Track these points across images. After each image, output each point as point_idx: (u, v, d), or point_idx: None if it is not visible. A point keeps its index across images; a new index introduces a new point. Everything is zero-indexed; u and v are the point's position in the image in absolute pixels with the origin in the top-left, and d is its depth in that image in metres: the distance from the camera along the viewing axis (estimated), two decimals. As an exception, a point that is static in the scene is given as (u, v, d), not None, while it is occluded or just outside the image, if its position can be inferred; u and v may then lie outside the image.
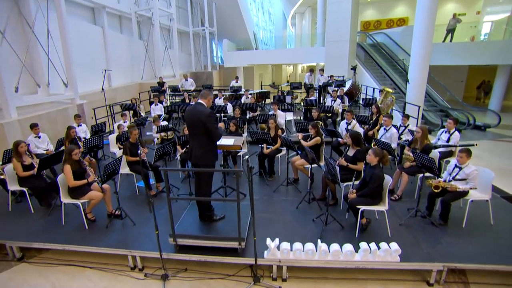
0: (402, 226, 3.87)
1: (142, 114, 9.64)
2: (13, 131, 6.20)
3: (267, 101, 11.82)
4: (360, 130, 6.13)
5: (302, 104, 10.46)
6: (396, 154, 5.64)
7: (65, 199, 4.02)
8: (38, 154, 5.59)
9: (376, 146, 4.99)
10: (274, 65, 29.39)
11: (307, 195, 4.57)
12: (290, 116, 8.58)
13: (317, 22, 20.34)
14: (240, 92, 10.84)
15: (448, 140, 5.05)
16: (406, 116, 6.08)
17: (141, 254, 3.58)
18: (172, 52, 16.34)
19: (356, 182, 4.22)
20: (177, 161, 5.68)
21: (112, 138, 6.26)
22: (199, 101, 3.49)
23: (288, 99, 9.41)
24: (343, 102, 8.72)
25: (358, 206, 3.55)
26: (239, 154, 5.82)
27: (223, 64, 20.58)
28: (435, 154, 4.55)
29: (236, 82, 12.00)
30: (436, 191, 3.77)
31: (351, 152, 4.32)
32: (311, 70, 11.69)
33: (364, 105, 8.82)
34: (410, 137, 5.81)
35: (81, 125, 6.73)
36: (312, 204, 4.52)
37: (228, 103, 9.01)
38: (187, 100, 9.93)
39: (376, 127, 6.06)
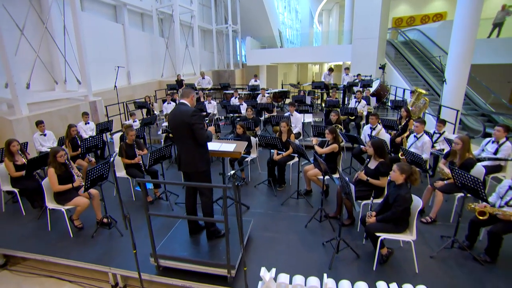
0: (434, 260, 3.12)
1: (155, 112, 9.43)
2: (22, 127, 6.11)
3: (287, 101, 11.19)
4: (386, 136, 5.35)
5: (323, 105, 9.70)
6: (428, 166, 4.82)
7: (50, 204, 3.71)
8: (43, 152, 5.43)
9: (403, 157, 4.23)
10: (300, 64, 28.57)
11: (318, 211, 3.93)
12: (309, 118, 7.91)
13: (344, 19, 19.29)
14: (258, 91, 10.29)
15: (496, 152, 4.17)
16: (441, 122, 5.20)
17: (122, 272, 3.17)
18: (193, 50, 16.16)
19: (377, 200, 3.53)
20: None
21: (116, 137, 5.98)
22: (181, 100, 3.02)
23: (308, 99, 8.71)
24: (368, 104, 7.89)
25: (378, 234, 2.87)
26: (246, 159, 5.28)
27: (246, 63, 20.21)
28: (479, 169, 3.70)
29: (255, 80, 11.47)
30: (481, 218, 2.99)
31: (372, 164, 3.62)
32: (330, 69, 10.85)
33: (392, 108, 7.92)
34: (445, 147, 4.95)
35: (88, 123, 6.55)
36: (324, 222, 3.88)
37: (244, 103, 8.52)
38: (202, 99, 9.56)
39: (405, 134, 5.25)
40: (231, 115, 8.26)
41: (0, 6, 6.34)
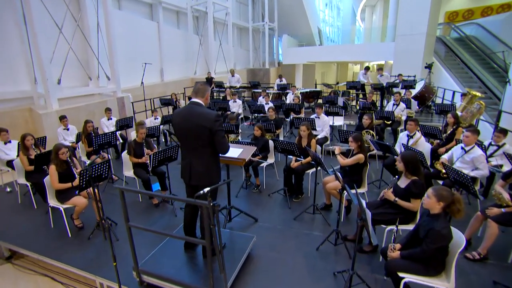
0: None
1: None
2: (51, 121, 6.33)
3: (319, 101, 10.51)
4: (426, 146, 4.53)
5: (357, 107, 8.86)
6: (479, 185, 3.94)
7: (51, 201, 3.64)
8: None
9: (445, 176, 3.47)
10: (339, 63, 27.21)
11: (333, 233, 3.35)
12: (340, 121, 7.22)
13: (388, 15, 17.82)
14: (288, 91, 9.76)
15: None
16: (501, 131, 4.25)
17: (108, 283, 2.93)
18: (227, 47, 16.03)
19: (406, 227, 2.87)
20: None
21: (133, 134, 5.91)
22: (194, 99, 2.58)
23: (340, 100, 7.97)
24: (408, 107, 6.95)
25: (401, 274, 2.26)
26: (262, 165, 4.83)
27: (282, 61, 19.71)
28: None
29: (280, 80, 10.95)
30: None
31: (403, 182, 2.96)
32: (367, 68, 9.87)
33: (437, 113, 6.88)
34: (505, 163, 4.02)
35: (111, 119, 6.60)
36: (340, 246, 3.29)
37: (270, 102, 8.07)
38: (228, 98, 9.29)
39: (451, 144, 4.40)
40: (256, 115, 7.86)
41: (40, 4, 6.65)
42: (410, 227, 2.81)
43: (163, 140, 7.46)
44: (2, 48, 6.36)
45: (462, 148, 3.83)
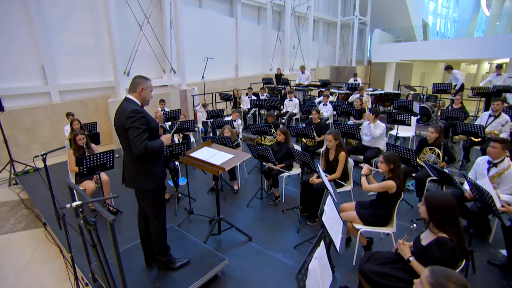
0: None
1: (242, 105, 9.30)
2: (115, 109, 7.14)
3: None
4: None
5: (438, 116, 6.94)
6: None
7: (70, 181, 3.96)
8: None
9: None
10: (449, 62, 22.57)
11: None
12: (408, 131, 5.80)
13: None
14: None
15: None
16: None
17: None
18: (307, 43, 15.24)
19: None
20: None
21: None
22: (127, 95, 2.33)
23: (417, 106, 6.37)
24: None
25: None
26: (282, 174, 4.19)
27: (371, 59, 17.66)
28: None
29: (355, 80, 9.58)
30: None
31: (427, 237, 1.95)
32: (498, 66, 7.36)
33: None
34: None
35: (164, 110, 6.98)
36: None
37: (328, 104, 7.14)
38: (289, 96, 8.71)
39: None
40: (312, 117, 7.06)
41: (124, 4, 7.55)
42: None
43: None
44: (96, 42, 7.47)
45: None
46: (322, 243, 1.66)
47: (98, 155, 3.43)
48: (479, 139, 4.65)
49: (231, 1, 12.26)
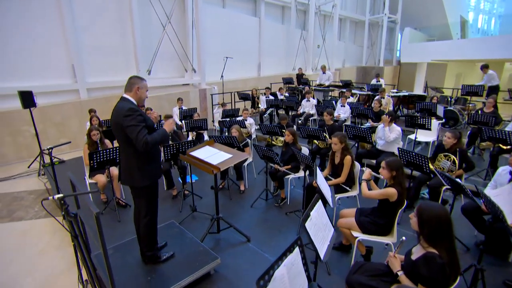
0: None
1: (260, 105, 9.31)
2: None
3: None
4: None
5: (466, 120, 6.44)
6: None
7: (86, 174, 4.21)
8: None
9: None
10: (490, 62, 20.91)
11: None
12: (429, 136, 5.48)
13: None
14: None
15: None
16: None
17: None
18: (331, 42, 14.89)
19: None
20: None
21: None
22: (123, 95, 2.41)
23: (441, 109, 5.98)
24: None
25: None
26: (287, 177, 4.13)
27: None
28: None
29: (377, 81, 9.19)
30: None
31: (417, 251, 1.83)
32: None
33: None
34: None
35: (182, 108, 7.17)
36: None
37: (346, 105, 6.93)
38: (306, 96, 8.58)
39: None
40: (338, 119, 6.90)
41: (148, 4, 7.86)
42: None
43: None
44: (121, 42, 7.82)
45: None
46: (296, 250, 1.62)
47: (108, 150, 3.61)
48: (509, 147, 4.28)
49: (254, 0, 12.29)
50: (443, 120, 6.16)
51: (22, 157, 6.38)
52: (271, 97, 8.22)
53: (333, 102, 7.67)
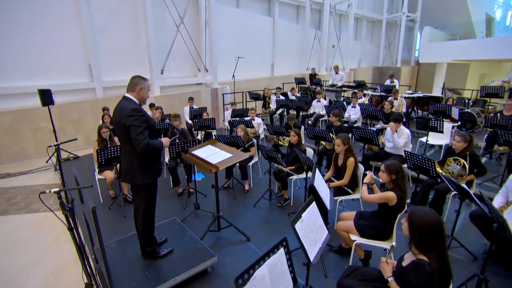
0: None
1: (271, 105, 9.30)
2: (145, 106, 7.63)
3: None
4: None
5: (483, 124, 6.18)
6: None
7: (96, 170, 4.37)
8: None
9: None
10: (517, 62, 19.85)
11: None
12: (442, 139, 5.30)
13: None
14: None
15: None
16: None
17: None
18: (346, 42, 14.64)
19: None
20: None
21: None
22: (125, 94, 2.47)
23: (455, 111, 5.76)
24: None
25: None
26: (291, 177, 4.12)
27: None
28: None
29: (391, 81, 8.95)
30: None
31: (408, 257, 1.79)
32: None
33: None
34: None
35: (193, 107, 7.28)
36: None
37: (357, 106, 6.81)
38: (317, 96, 8.49)
39: None
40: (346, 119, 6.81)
41: (162, 4, 8.02)
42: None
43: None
44: (136, 42, 8.04)
45: None
46: (281, 251, 1.63)
47: (114, 148, 3.73)
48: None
49: (269, 0, 12.27)
50: (459, 122, 5.93)
51: (41, 152, 6.70)
52: (282, 97, 8.20)
53: (344, 103, 7.55)
